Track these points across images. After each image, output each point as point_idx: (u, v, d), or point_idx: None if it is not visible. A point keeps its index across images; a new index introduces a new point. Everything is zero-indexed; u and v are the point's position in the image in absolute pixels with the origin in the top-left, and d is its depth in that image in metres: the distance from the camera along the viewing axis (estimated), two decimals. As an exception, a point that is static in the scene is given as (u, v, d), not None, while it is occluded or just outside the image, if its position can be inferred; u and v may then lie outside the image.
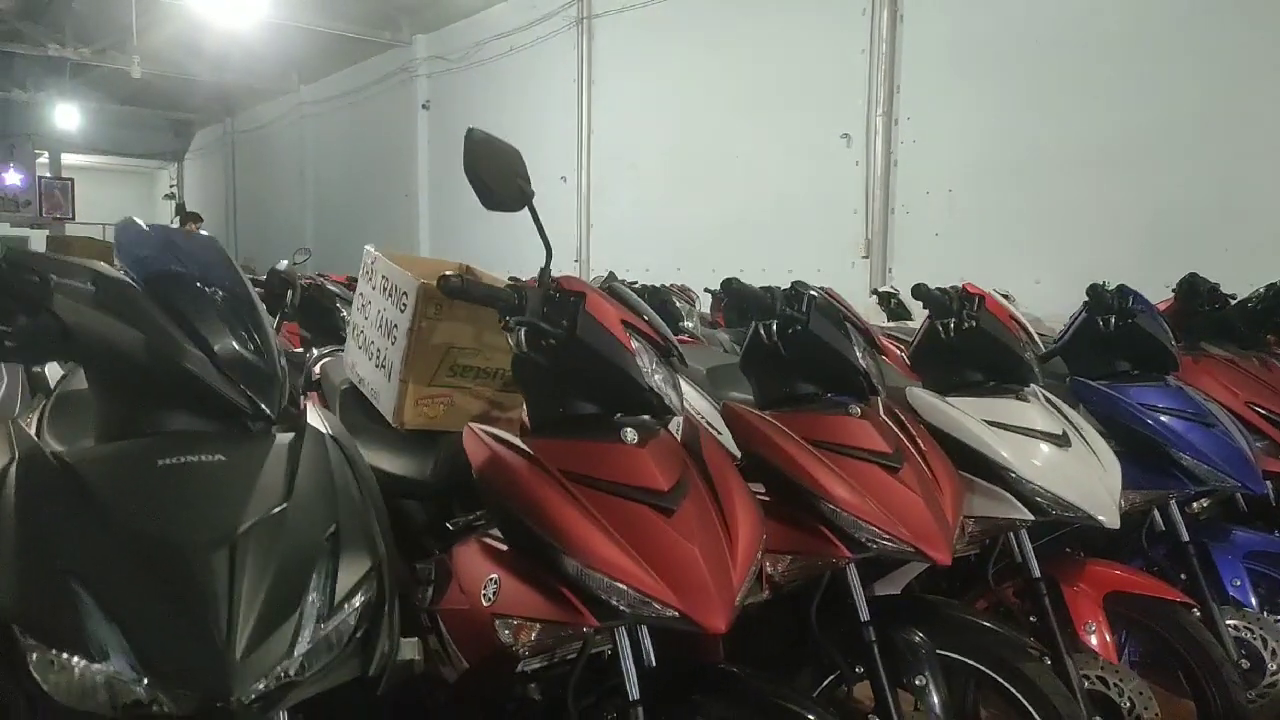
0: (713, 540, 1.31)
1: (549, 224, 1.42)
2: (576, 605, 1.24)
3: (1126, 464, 2.25)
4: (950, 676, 1.78)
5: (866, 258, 7.16)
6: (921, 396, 2.02)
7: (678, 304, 4.25)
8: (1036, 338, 2.17)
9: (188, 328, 1.07)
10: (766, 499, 1.69)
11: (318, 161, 13.59)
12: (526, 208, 1.40)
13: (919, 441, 1.84)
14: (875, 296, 5.76)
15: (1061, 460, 1.92)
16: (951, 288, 2.14)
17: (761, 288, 1.80)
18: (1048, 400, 2.13)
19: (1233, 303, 3.19)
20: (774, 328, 1.79)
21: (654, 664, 1.43)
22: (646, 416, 1.43)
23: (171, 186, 18.27)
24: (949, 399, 2.04)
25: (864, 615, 1.68)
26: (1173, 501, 2.30)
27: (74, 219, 15.41)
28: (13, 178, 14.68)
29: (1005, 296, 2.42)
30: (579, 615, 1.24)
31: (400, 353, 1.84)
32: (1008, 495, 1.88)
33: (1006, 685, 1.70)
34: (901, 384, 2.15)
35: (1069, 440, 1.97)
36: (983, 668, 1.71)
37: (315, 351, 2.46)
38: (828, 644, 1.71)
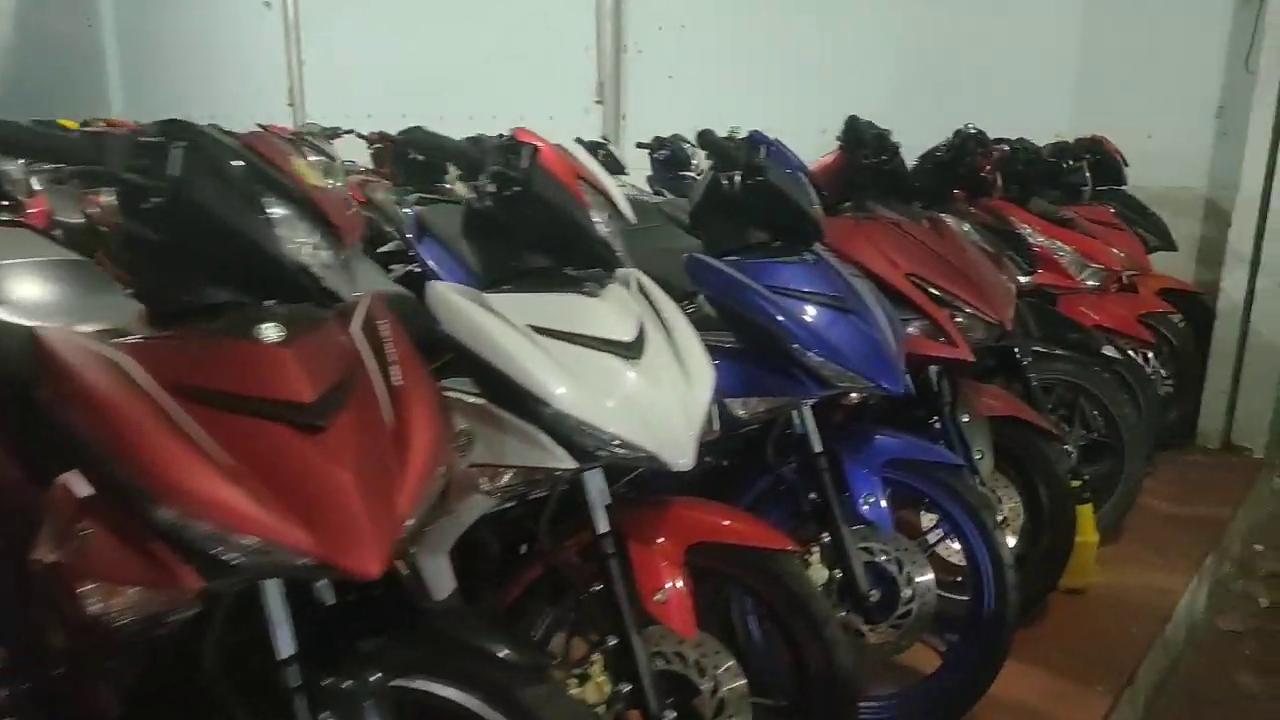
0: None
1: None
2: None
3: (746, 365, 1.80)
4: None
5: (600, 102, 6.49)
6: (440, 295, 1.42)
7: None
8: (623, 203, 1.61)
9: None
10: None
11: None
12: None
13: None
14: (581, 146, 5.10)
15: (625, 381, 1.40)
16: (507, 138, 1.53)
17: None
18: (641, 289, 1.61)
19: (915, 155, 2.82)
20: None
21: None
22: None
23: None
24: (492, 294, 1.47)
25: (283, 650, 1.10)
26: (806, 405, 1.88)
27: None
28: None
29: (601, 145, 1.86)
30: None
31: None
32: (542, 436, 1.35)
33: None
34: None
35: (640, 349, 1.45)
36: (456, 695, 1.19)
37: None
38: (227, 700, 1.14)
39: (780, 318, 1.76)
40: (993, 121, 4.04)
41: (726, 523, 1.57)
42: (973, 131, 2.78)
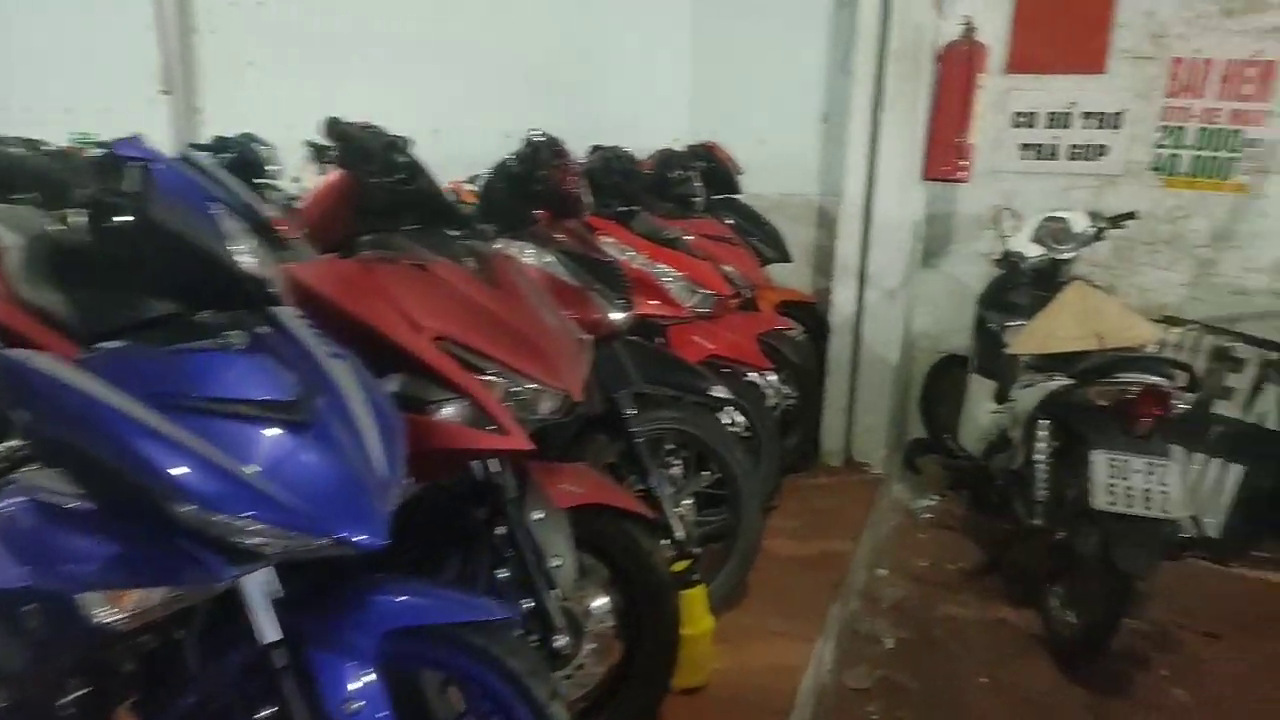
0: None
1: None
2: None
3: (111, 538, 1.10)
4: None
5: (169, 93, 5.35)
6: None
7: None
8: None
9: None
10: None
11: None
12: None
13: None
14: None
15: None
16: None
17: None
18: None
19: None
20: None
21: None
22: None
23: None
24: None
25: None
26: (253, 578, 1.20)
27: None
28: None
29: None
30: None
31: None
32: None
33: None
34: None
35: None
36: None
37: None
38: None
39: (159, 461, 1.06)
40: (622, 131, 3.64)
41: None
42: (542, 139, 2.25)
